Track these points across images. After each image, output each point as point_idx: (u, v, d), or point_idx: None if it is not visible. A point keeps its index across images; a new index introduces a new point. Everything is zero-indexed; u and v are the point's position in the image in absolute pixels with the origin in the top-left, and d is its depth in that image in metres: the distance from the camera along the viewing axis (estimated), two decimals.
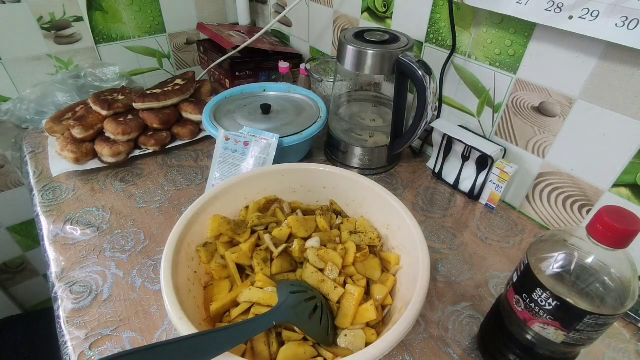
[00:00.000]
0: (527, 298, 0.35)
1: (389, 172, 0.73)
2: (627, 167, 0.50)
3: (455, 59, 0.66)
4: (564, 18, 0.47)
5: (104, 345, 0.43)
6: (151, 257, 0.54)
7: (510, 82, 0.59)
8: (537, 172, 0.61)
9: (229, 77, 0.94)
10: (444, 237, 0.60)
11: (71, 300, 0.48)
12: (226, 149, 0.64)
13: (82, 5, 0.88)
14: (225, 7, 1.11)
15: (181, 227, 0.43)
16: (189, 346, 0.30)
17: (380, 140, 0.71)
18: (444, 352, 0.44)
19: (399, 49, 0.59)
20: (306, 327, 0.39)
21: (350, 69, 0.62)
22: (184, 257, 0.42)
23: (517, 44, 0.56)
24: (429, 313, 0.48)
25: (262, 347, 0.38)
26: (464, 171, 0.67)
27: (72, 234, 0.57)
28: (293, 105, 0.75)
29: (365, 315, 0.41)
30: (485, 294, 0.51)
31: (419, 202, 0.66)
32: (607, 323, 0.32)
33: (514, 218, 0.64)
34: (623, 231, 0.29)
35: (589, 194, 0.55)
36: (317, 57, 0.89)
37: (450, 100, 0.70)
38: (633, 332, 0.48)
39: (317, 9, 0.91)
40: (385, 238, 0.50)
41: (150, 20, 0.99)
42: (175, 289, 0.37)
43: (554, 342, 0.35)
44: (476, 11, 0.59)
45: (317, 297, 0.42)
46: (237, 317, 0.42)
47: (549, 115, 0.56)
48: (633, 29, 0.42)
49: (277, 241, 0.47)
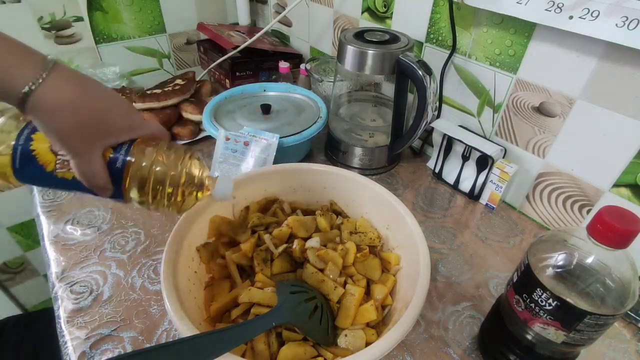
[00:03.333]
0: (527, 298, 0.35)
1: (389, 172, 0.73)
2: (627, 167, 0.50)
3: (455, 59, 0.66)
4: (564, 18, 0.47)
5: (104, 345, 0.43)
6: (151, 257, 0.54)
7: (510, 82, 0.59)
8: (537, 172, 0.61)
9: (229, 77, 0.94)
10: (444, 237, 0.60)
11: (71, 300, 0.48)
12: (226, 149, 0.64)
13: (83, 5, 0.88)
14: (225, 7, 1.11)
15: (181, 227, 0.43)
16: (190, 348, 0.30)
17: (381, 140, 0.71)
18: (444, 352, 0.44)
19: (399, 49, 0.59)
20: (306, 328, 0.39)
21: (351, 69, 0.62)
22: (184, 257, 0.42)
23: (517, 44, 0.56)
24: (429, 313, 0.48)
25: (262, 347, 0.38)
26: (464, 171, 0.67)
27: (72, 234, 0.57)
28: (293, 105, 0.75)
29: (366, 315, 0.41)
30: (485, 294, 0.51)
31: (419, 202, 0.66)
32: (607, 323, 0.32)
33: (514, 218, 0.64)
34: (623, 231, 0.29)
35: (589, 194, 0.55)
36: (317, 57, 0.89)
37: (450, 100, 0.70)
38: (633, 332, 0.48)
39: (317, 9, 0.91)
40: (385, 238, 0.50)
41: (151, 20, 0.99)
42: (176, 289, 0.37)
43: (554, 342, 0.35)
44: (476, 11, 0.59)
45: (317, 297, 0.42)
46: (237, 317, 0.42)
47: (549, 115, 0.56)
48: (633, 29, 0.42)
49: (277, 241, 0.47)
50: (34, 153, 0.33)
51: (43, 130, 0.30)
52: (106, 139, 0.32)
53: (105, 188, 0.33)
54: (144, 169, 0.33)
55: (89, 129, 0.30)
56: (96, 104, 0.31)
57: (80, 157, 0.31)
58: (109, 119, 0.32)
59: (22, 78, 0.27)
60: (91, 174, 0.32)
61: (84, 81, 0.31)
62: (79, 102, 0.29)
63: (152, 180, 0.33)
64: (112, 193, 0.34)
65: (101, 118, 0.31)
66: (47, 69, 0.28)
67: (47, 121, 0.29)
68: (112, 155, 0.33)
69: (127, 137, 0.33)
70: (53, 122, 0.29)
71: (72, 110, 0.29)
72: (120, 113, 0.33)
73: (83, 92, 0.30)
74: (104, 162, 0.32)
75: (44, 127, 0.30)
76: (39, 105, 0.28)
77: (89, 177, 0.32)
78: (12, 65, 0.27)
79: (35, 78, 0.27)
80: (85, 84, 0.31)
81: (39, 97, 0.28)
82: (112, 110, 0.32)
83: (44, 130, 0.30)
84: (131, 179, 0.33)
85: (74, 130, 0.30)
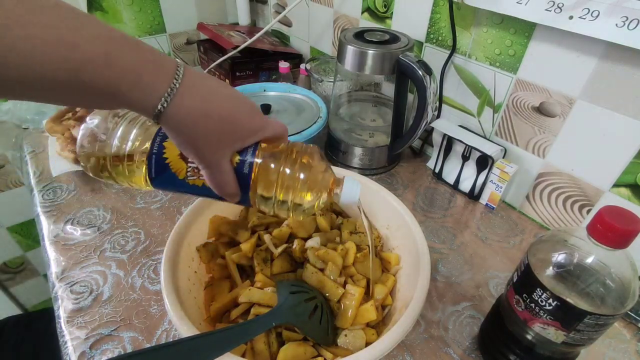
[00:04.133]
0: (527, 298, 0.35)
1: (389, 172, 0.73)
2: (627, 167, 0.50)
3: (455, 59, 0.66)
4: (564, 18, 0.47)
5: (104, 345, 0.43)
6: (151, 257, 0.54)
7: (511, 82, 0.59)
8: (537, 172, 0.61)
9: (229, 77, 0.94)
10: (444, 237, 0.60)
11: (71, 300, 0.48)
12: None
13: (83, 5, 0.88)
14: (225, 7, 1.11)
15: (181, 227, 0.43)
16: (190, 348, 0.30)
17: (381, 140, 0.71)
18: (444, 352, 0.44)
19: (399, 49, 0.59)
20: (306, 328, 0.39)
21: (351, 69, 0.62)
22: (184, 257, 0.42)
23: (517, 44, 0.56)
24: (429, 313, 0.48)
25: (262, 347, 0.38)
26: (464, 171, 0.67)
27: (72, 234, 0.57)
28: (293, 105, 0.75)
29: (366, 316, 0.41)
30: (485, 294, 0.51)
31: (419, 202, 0.66)
32: (607, 323, 0.32)
33: (514, 218, 0.64)
34: (623, 231, 0.29)
35: (589, 194, 0.55)
36: (317, 57, 0.89)
37: (450, 100, 0.70)
38: (633, 332, 0.48)
39: (317, 9, 0.91)
40: (385, 238, 0.50)
41: (151, 20, 0.99)
42: (175, 289, 0.37)
43: (554, 342, 0.35)
44: (476, 11, 0.59)
45: (317, 297, 0.42)
46: (237, 317, 0.42)
47: (549, 115, 0.56)
48: (633, 29, 0.42)
49: (277, 241, 0.47)
50: (167, 161, 0.32)
51: (175, 140, 0.29)
52: (235, 144, 0.31)
53: (235, 194, 0.32)
54: (272, 173, 0.32)
55: (218, 137, 0.29)
56: (225, 110, 0.29)
57: (212, 167, 0.30)
58: (237, 124, 0.30)
59: (157, 91, 0.26)
60: (223, 183, 0.31)
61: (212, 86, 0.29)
62: (210, 111, 0.28)
63: (279, 184, 0.32)
64: (240, 199, 0.33)
65: (230, 124, 0.29)
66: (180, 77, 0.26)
67: (180, 133, 0.28)
68: (240, 160, 0.31)
69: (253, 140, 0.32)
70: (185, 133, 0.28)
71: (203, 120, 0.28)
72: (246, 116, 0.31)
73: (213, 98, 0.28)
74: (233, 168, 0.31)
75: (176, 138, 0.29)
76: (172, 118, 0.27)
77: (220, 186, 0.31)
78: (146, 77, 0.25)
79: (169, 90, 0.26)
80: (214, 89, 0.29)
81: (173, 110, 0.26)
82: (239, 114, 0.30)
83: (175, 141, 0.29)
84: (259, 183, 0.32)
85: (205, 140, 0.28)
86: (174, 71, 0.26)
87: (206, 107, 0.28)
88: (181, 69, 0.27)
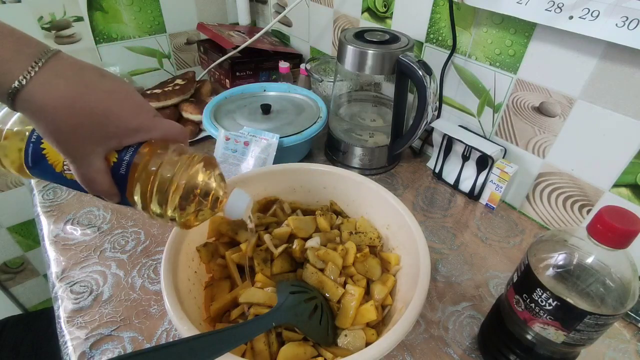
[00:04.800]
0: (527, 298, 0.35)
1: (389, 172, 0.73)
2: (627, 167, 0.50)
3: (455, 59, 0.66)
4: (564, 18, 0.47)
5: (104, 345, 0.43)
6: (151, 257, 0.54)
7: (511, 82, 0.59)
8: (537, 172, 0.61)
9: (229, 77, 0.94)
10: (444, 237, 0.60)
11: (71, 300, 0.48)
12: (226, 149, 0.64)
13: (83, 5, 0.88)
14: (225, 7, 1.11)
15: None
16: (189, 348, 0.30)
17: (381, 140, 0.71)
18: (444, 352, 0.44)
19: (399, 49, 0.59)
20: (306, 328, 0.39)
21: (351, 69, 0.62)
22: (184, 257, 0.42)
23: (517, 44, 0.56)
24: (429, 313, 0.48)
25: (262, 347, 0.38)
26: (464, 171, 0.67)
27: (72, 234, 0.57)
28: (293, 105, 0.75)
29: (366, 316, 0.41)
30: (485, 294, 0.51)
31: (419, 202, 0.66)
32: (607, 323, 0.32)
33: (514, 218, 0.64)
34: (623, 231, 0.29)
35: (589, 194, 0.55)
36: (317, 57, 0.89)
37: (450, 100, 0.70)
38: (633, 332, 0.48)
39: (317, 9, 0.91)
40: (385, 238, 0.50)
41: (151, 20, 0.99)
42: (175, 289, 0.37)
43: (554, 342, 0.35)
44: (476, 11, 0.59)
45: (317, 297, 0.42)
46: (237, 317, 0.42)
47: (549, 115, 0.56)
48: (633, 29, 0.42)
49: (277, 241, 0.47)
50: (44, 152, 0.31)
51: (37, 129, 0.27)
52: (109, 141, 0.29)
53: (109, 194, 0.31)
54: (147, 176, 0.30)
55: (87, 131, 0.27)
56: (97, 103, 0.27)
57: (78, 162, 0.28)
58: (112, 120, 0.28)
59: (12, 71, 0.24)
60: (90, 179, 0.29)
61: (85, 75, 0.27)
62: (76, 101, 0.26)
63: (155, 188, 0.30)
64: (119, 199, 0.32)
65: (103, 119, 0.27)
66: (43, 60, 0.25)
67: (39, 121, 0.26)
68: (117, 159, 0.30)
69: (134, 139, 0.30)
70: (45, 122, 0.26)
71: (66, 110, 0.26)
72: (127, 113, 0.29)
73: (82, 88, 0.26)
74: (107, 166, 0.30)
75: (36, 127, 0.27)
76: (28, 104, 0.25)
77: (87, 182, 0.30)
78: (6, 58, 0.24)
79: (26, 71, 0.24)
80: (87, 79, 0.27)
81: (29, 94, 0.25)
82: (118, 110, 0.28)
83: (38, 131, 0.27)
84: (134, 186, 0.30)
85: (70, 133, 0.27)
86: (39, 54, 0.25)
87: (73, 97, 0.26)
88: (49, 54, 0.25)
